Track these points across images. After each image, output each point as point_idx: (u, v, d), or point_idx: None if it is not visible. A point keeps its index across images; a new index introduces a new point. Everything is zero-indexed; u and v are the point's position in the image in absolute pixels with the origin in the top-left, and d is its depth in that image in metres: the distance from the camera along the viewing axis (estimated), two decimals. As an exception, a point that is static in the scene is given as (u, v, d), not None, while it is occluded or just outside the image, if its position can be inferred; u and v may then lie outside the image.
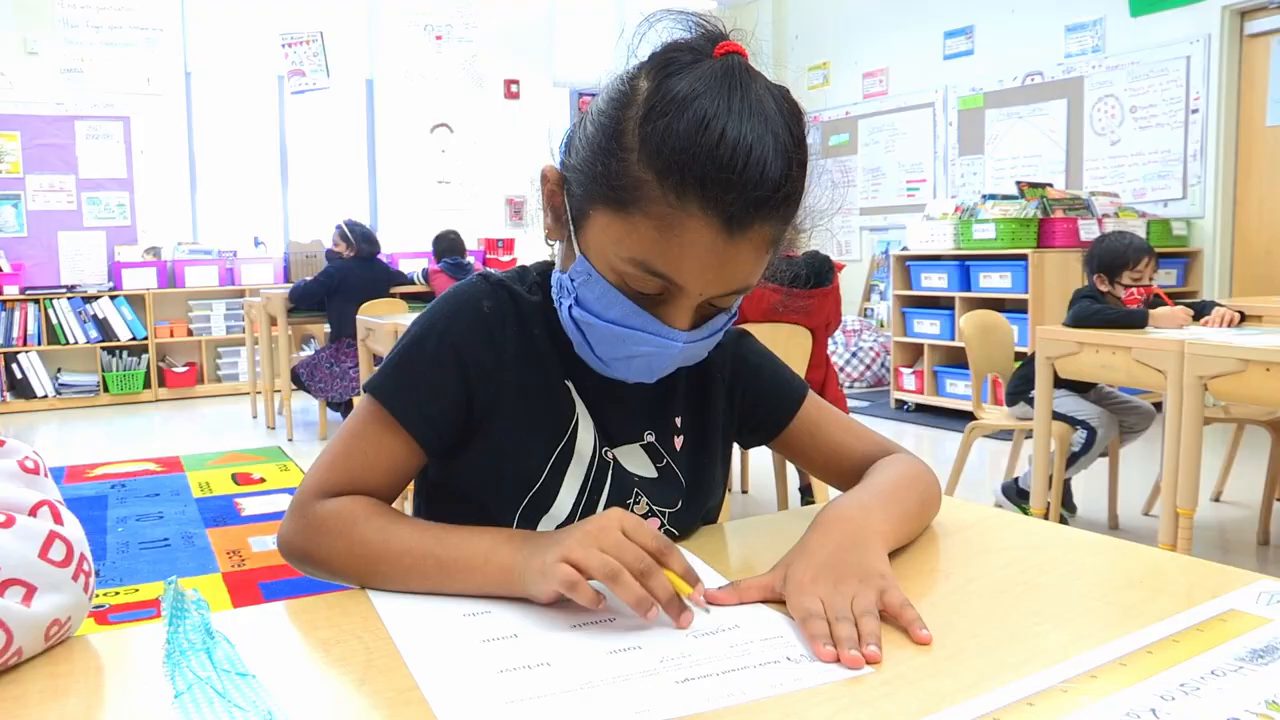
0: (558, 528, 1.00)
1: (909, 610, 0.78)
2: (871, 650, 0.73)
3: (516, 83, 8.87)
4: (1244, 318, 3.45)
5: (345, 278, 5.79)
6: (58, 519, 0.77)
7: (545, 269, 1.06)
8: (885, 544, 0.89)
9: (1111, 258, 3.59)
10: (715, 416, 1.11)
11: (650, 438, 1.06)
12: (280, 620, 0.84)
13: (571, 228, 0.93)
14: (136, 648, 0.77)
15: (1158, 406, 3.80)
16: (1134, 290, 3.52)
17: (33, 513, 0.76)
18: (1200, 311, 3.52)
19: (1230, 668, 0.69)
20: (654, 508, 1.05)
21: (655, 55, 0.89)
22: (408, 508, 1.11)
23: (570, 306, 0.95)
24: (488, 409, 1.00)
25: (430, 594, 0.87)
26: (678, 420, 1.08)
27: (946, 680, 0.69)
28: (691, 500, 1.08)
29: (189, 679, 0.70)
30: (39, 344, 7.19)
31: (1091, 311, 3.41)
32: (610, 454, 1.04)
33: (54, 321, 7.22)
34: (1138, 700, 0.64)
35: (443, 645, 0.76)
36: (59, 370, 7.36)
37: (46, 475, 0.81)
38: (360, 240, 5.93)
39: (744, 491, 4.40)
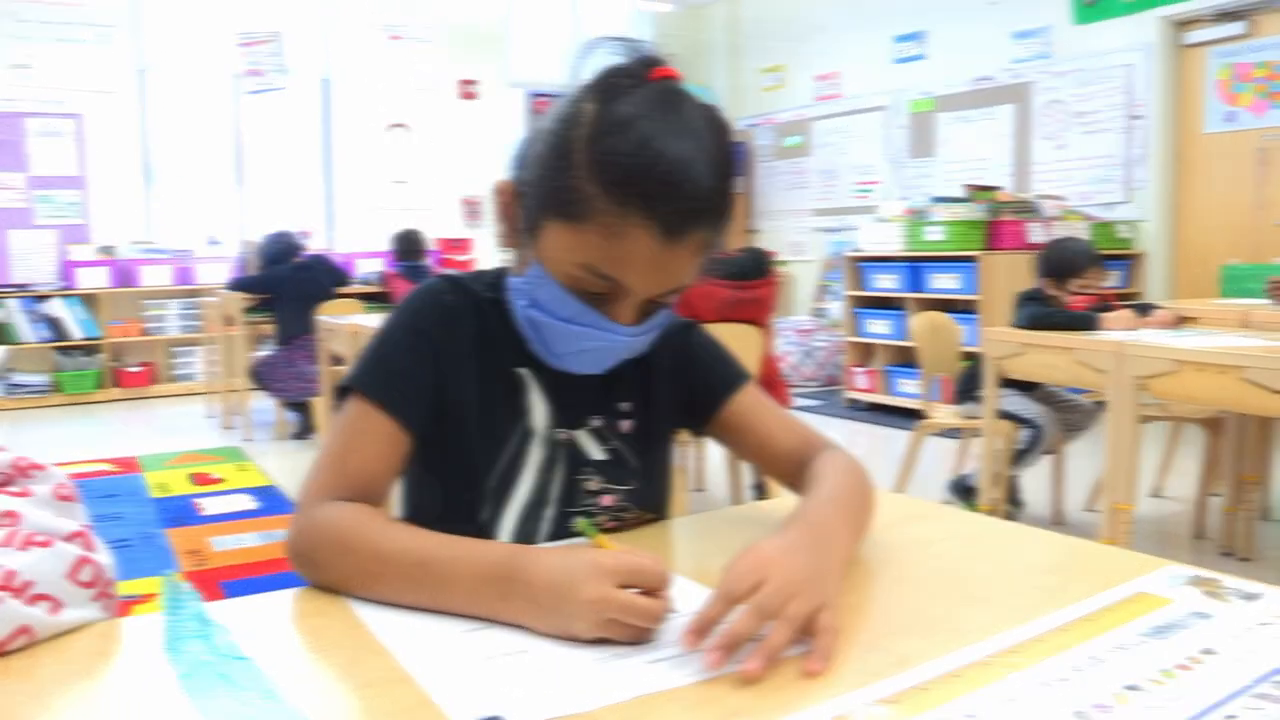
0: (522, 509, 1.10)
1: (827, 637, 0.77)
2: (753, 666, 0.73)
3: (473, 83, 8.89)
4: (1183, 321, 3.59)
5: (283, 285, 5.81)
6: (89, 547, 0.85)
7: (500, 271, 1.14)
8: (844, 567, 0.91)
9: (1063, 264, 3.71)
10: (660, 401, 1.19)
11: (598, 423, 1.15)
12: (271, 610, 0.90)
13: (526, 236, 1.03)
14: (136, 636, 0.82)
15: (1101, 405, 3.92)
16: (1080, 296, 3.64)
17: (68, 539, 0.84)
18: (1142, 314, 3.65)
19: (1134, 642, 0.77)
20: (607, 486, 1.14)
21: (598, 80, 0.98)
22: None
23: (526, 308, 1.05)
24: (455, 394, 1.08)
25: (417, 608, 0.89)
26: (624, 406, 1.17)
27: (882, 655, 0.77)
28: (644, 479, 1.17)
29: (191, 663, 0.75)
30: (-11, 344, 7.11)
31: (1044, 314, 3.52)
32: (564, 436, 1.13)
33: (4, 321, 7.13)
34: (1052, 671, 0.72)
35: (426, 636, 0.82)
36: (10, 370, 7.27)
37: (79, 501, 0.89)
38: (266, 252, 6.00)
39: (698, 490, 4.48)
